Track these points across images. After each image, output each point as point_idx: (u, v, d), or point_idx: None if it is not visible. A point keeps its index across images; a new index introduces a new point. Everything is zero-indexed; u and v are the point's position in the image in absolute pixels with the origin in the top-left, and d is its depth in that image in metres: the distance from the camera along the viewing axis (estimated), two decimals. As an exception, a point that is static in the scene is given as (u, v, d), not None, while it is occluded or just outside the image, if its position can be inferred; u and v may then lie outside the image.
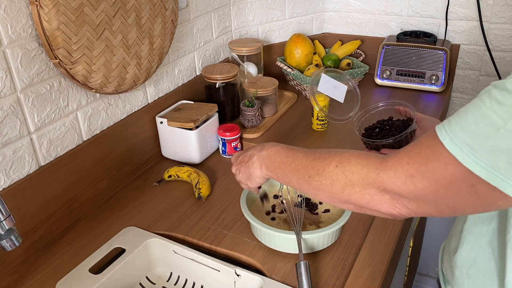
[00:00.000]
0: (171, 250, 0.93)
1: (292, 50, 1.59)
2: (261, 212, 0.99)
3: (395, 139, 0.91)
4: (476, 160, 0.49)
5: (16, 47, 0.84)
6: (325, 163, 0.67)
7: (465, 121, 0.51)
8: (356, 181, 0.62)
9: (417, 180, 0.54)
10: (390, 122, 0.97)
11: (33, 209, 0.92)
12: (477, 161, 0.49)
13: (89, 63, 0.93)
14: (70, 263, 0.90)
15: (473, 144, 0.49)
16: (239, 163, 0.87)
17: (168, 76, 1.28)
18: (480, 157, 0.49)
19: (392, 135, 0.92)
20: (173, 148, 1.23)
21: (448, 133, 0.51)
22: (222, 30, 1.50)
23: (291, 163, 0.73)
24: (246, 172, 0.84)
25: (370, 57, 1.70)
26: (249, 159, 0.84)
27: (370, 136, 0.95)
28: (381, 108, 1.00)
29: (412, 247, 1.41)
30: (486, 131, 0.48)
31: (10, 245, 0.72)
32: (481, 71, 1.56)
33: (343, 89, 1.26)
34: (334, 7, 1.74)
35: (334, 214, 0.97)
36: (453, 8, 1.53)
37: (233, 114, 1.38)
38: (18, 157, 0.88)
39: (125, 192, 1.12)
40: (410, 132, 0.91)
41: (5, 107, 0.84)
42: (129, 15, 1.01)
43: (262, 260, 0.89)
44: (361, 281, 0.82)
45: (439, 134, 0.53)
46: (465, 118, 0.51)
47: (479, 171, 0.49)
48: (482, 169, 0.49)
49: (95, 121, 1.05)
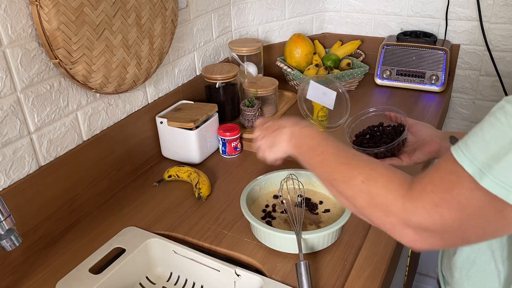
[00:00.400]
0: (171, 250, 0.93)
1: (292, 50, 1.59)
2: (261, 212, 0.99)
3: (387, 148, 0.90)
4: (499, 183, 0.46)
5: (16, 47, 0.84)
6: (352, 174, 0.63)
7: (482, 140, 0.48)
8: (379, 206, 0.58)
9: (443, 209, 0.51)
10: (381, 129, 0.96)
11: (33, 209, 0.92)
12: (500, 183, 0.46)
13: (89, 63, 0.93)
14: (70, 263, 0.90)
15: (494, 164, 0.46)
16: (265, 129, 0.84)
17: (168, 76, 1.28)
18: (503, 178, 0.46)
19: (384, 142, 0.92)
20: (173, 148, 1.23)
21: (467, 155, 0.49)
22: (222, 30, 1.50)
23: (321, 154, 0.70)
24: (271, 140, 0.81)
25: (370, 57, 1.70)
26: (278, 128, 0.81)
27: (361, 144, 0.95)
28: (372, 114, 0.99)
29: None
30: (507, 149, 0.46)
31: (10, 245, 0.72)
32: (481, 71, 1.56)
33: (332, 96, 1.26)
34: (334, 7, 1.74)
35: (334, 214, 0.97)
36: (453, 8, 1.53)
37: (233, 114, 1.38)
38: (18, 157, 0.88)
39: (125, 192, 1.12)
40: (402, 139, 0.91)
41: (5, 107, 0.84)
42: (129, 15, 1.01)
43: (262, 260, 0.89)
44: (361, 281, 0.82)
45: (457, 157, 0.50)
46: (482, 137, 0.48)
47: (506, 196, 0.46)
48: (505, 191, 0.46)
49: (95, 121, 1.05)
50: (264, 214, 0.98)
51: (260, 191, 1.03)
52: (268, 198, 1.03)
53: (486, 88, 1.58)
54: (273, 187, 1.05)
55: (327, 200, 1.01)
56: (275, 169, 1.07)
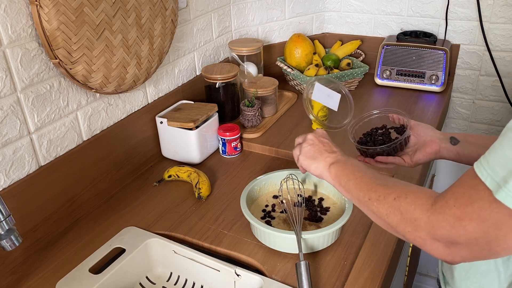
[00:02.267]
0: (171, 250, 0.93)
1: (292, 50, 1.59)
2: (261, 212, 0.99)
3: (389, 146, 0.91)
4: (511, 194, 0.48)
5: (16, 47, 0.84)
6: (386, 192, 0.66)
7: (503, 157, 0.50)
8: (409, 221, 0.61)
9: (466, 222, 0.53)
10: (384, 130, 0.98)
11: (33, 209, 0.92)
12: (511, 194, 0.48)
13: (89, 63, 0.93)
14: (70, 263, 0.90)
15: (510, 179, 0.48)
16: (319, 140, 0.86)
17: (168, 76, 1.28)
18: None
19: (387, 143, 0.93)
20: (173, 148, 1.23)
21: (489, 172, 0.51)
22: (222, 30, 1.50)
23: (359, 177, 0.73)
24: (314, 154, 0.84)
25: (370, 57, 1.70)
26: (328, 148, 0.84)
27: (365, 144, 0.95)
28: (375, 115, 1.00)
29: (412, 247, 1.41)
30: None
31: (10, 245, 0.72)
32: (481, 71, 1.56)
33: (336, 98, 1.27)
34: (334, 7, 1.74)
35: (334, 214, 0.97)
36: (453, 8, 1.53)
37: (233, 114, 1.38)
38: (18, 157, 0.88)
39: (125, 192, 1.12)
40: (404, 138, 0.91)
41: (5, 107, 0.84)
42: (129, 15, 1.00)
43: (262, 260, 0.89)
44: (361, 281, 0.82)
45: (479, 174, 0.52)
46: (502, 153, 0.50)
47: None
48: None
49: (95, 121, 1.05)
50: (264, 214, 0.98)
51: (260, 191, 1.03)
52: (268, 198, 1.03)
53: (486, 88, 1.58)
54: (273, 187, 1.05)
55: (327, 199, 1.02)
56: (275, 169, 1.07)
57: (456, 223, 0.54)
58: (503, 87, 1.53)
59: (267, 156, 1.26)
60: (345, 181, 0.76)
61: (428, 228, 0.57)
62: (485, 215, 0.51)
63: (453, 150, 0.86)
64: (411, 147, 0.92)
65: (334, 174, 0.79)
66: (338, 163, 0.79)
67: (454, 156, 0.85)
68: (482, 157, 0.53)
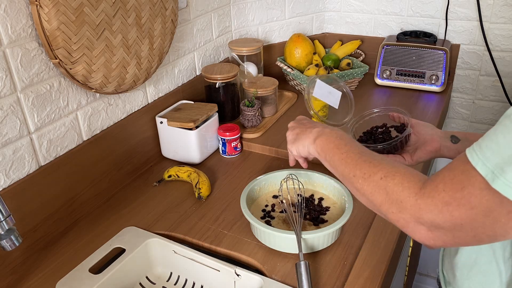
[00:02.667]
0: (171, 250, 0.93)
1: (292, 50, 1.59)
2: (261, 212, 0.99)
3: (389, 144, 0.91)
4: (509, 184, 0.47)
5: (16, 47, 0.84)
6: (373, 170, 0.65)
7: (496, 144, 0.49)
8: (394, 202, 0.60)
9: (453, 208, 0.52)
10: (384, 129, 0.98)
11: (33, 209, 0.92)
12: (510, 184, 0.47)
13: (89, 63, 0.93)
14: (70, 263, 0.90)
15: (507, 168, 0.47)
16: (299, 122, 0.87)
17: (168, 76, 1.28)
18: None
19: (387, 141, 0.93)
20: (173, 148, 1.23)
21: (480, 158, 0.50)
22: (222, 30, 1.50)
23: (345, 152, 0.72)
24: (297, 136, 0.84)
25: (370, 57, 1.70)
26: (311, 126, 0.83)
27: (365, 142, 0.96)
28: (376, 114, 1.00)
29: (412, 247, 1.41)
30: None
31: (10, 245, 0.72)
32: (481, 71, 1.56)
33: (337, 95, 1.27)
34: (334, 7, 1.74)
35: (334, 214, 0.97)
36: (453, 8, 1.53)
37: (233, 114, 1.38)
38: (18, 157, 0.88)
39: (125, 192, 1.12)
40: (405, 137, 0.91)
41: (5, 107, 0.84)
42: (129, 15, 1.00)
43: (262, 260, 0.89)
44: (361, 281, 0.82)
45: (470, 159, 0.51)
46: (496, 141, 0.49)
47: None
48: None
49: (95, 121, 1.05)
50: (264, 214, 0.98)
51: (260, 191, 1.03)
52: (268, 198, 1.03)
53: (486, 88, 1.58)
54: (273, 187, 1.05)
55: (327, 199, 1.02)
56: (275, 169, 1.07)
57: (444, 208, 0.53)
58: (503, 87, 1.53)
59: (267, 156, 1.26)
60: (330, 156, 0.74)
61: (414, 211, 0.57)
62: (474, 201, 0.50)
63: (454, 148, 0.86)
64: (411, 146, 0.92)
65: (320, 148, 0.78)
66: (323, 136, 0.78)
67: (455, 154, 0.85)
68: (475, 143, 0.52)
